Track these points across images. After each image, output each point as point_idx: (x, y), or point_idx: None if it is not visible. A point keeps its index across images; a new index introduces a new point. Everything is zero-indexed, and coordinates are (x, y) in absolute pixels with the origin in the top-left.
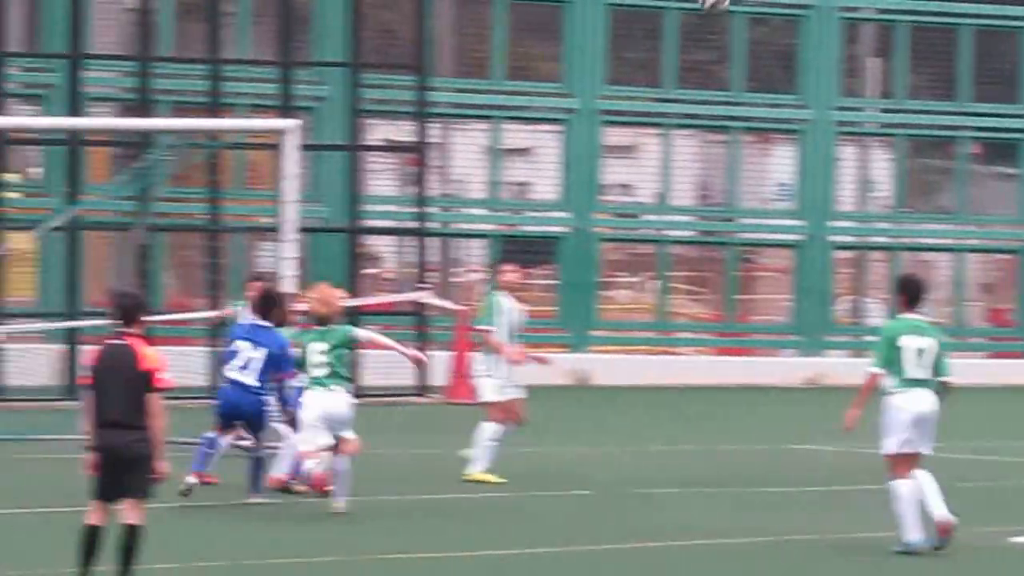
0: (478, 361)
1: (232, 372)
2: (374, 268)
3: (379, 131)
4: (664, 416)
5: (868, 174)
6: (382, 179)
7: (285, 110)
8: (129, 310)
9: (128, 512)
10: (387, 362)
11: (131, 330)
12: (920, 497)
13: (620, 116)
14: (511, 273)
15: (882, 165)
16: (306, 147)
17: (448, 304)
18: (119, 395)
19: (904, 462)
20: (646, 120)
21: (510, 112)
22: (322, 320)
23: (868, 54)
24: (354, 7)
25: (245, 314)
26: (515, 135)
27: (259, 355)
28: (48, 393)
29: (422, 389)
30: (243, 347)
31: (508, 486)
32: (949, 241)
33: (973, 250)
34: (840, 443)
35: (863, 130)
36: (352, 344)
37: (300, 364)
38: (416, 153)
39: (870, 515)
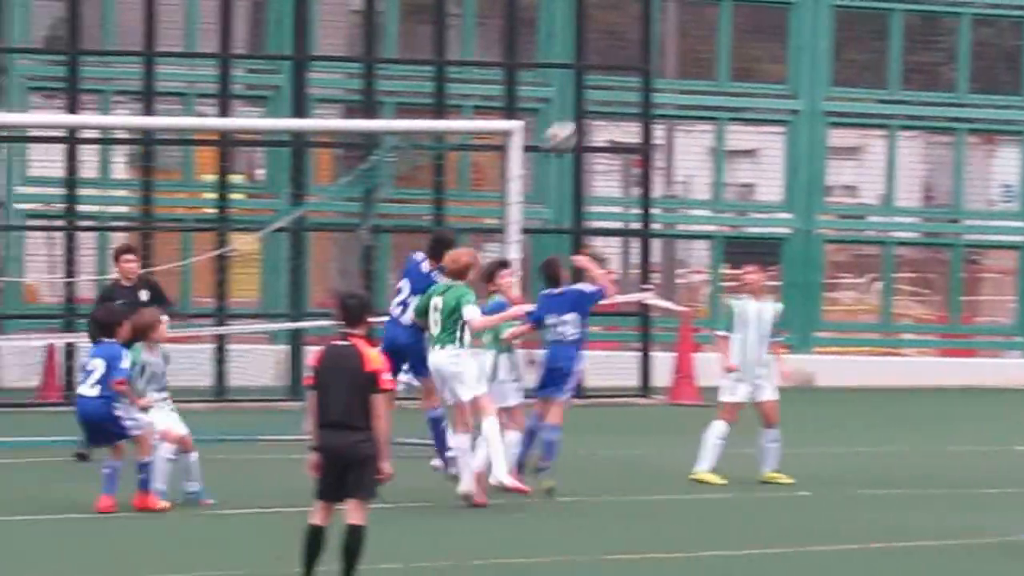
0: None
1: None
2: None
3: (603, 132)
4: (888, 417)
5: None
6: (605, 180)
7: (510, 111)
8: (355, 311)
9: (352, 512)
10: (610, 364)
11: (356, 331)
12: None
13: (844, 117)
14: (753, 274)
15: None
16: (531, 148)
17: (671, 305)
18: (343, 396)
19: None
20: (871, 121)
21: (734, 113)
22: (452, 276)
23: None
24: (579, 9)
25: None
26: (739, 136)
27: None
28: (272, 394)
29: (645, 390)
30: None
31: (729, 487)
32: None
33: None
34: None
35: None
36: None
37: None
38: (640, 154)
39: None
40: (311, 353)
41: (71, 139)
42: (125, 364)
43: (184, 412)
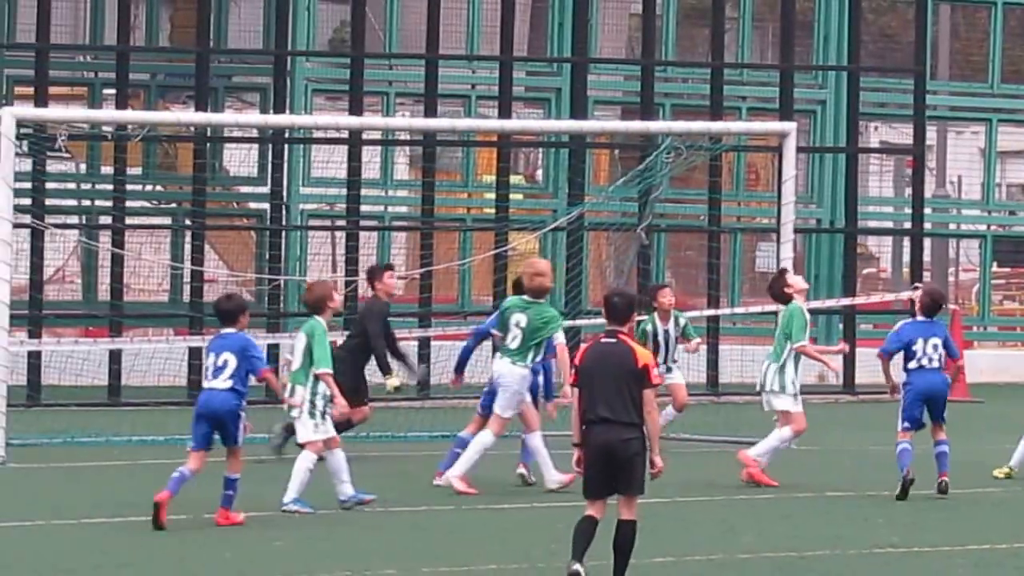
0: None
1: None
2: (870, 268)
3: (877, 134)
4: None
5: None
6: (879, 181)
7: (784, 113)
8: (621, 309)
9: (623, 508)
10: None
11: (622, 328)
12: None
13: None
14: None
15: None
16: (804, 149)
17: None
18: (613, 392)
19: None
20: None
21: (1005, 115)
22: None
23: None
24: (853, 12)
25: None
26: (1010, 137)
27: None
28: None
29: None
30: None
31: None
32: None
33: None
34: None
35: None
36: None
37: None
38: (913, 155)
39: None
40: (577, 351)
41: (354, 140)
42: (261, 354)
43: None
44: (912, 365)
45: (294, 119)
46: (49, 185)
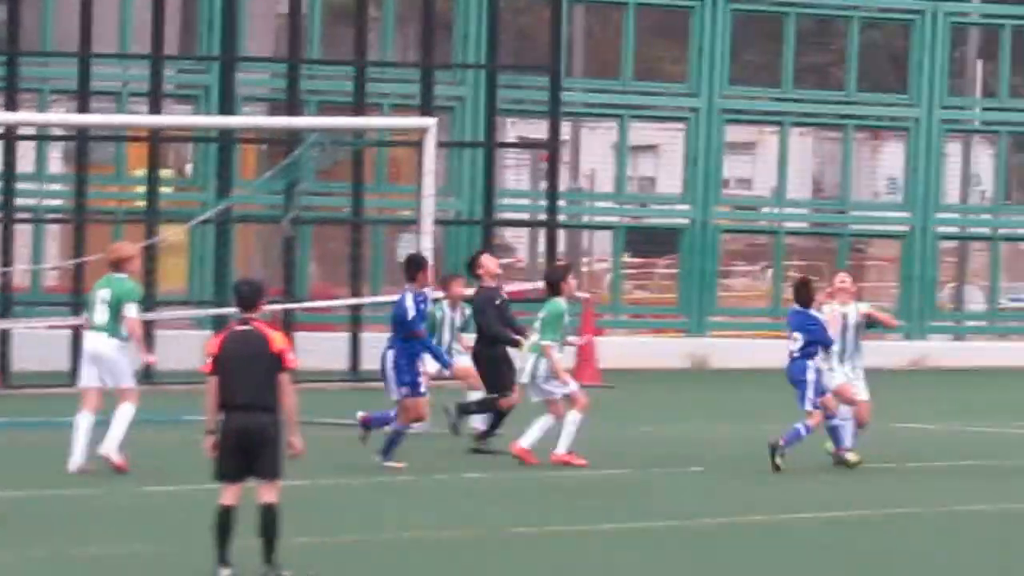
0: None
1: None
2: (507, 258)
3: (514, 129)
4: (777, 397)
5: (971, 169)
6: (515, 174)
7: (425, 109)
8: (249, 297)
9: (264, 492)
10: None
11: (254, 315)
12: None
13: (741, 115)
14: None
15: (985, 160)
16: (444, 144)
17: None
18: (251, 378)
19: None
20: (765, 118)
21: (637, 111)
22: None
23: (973, 55)
24: (492, 12)
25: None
26: (642, 133)
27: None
28: (200, 378)
29: None
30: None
31: (628, 462)
32: None
33: None
34: (942, 421)
35: (967, 127)
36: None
37: None
38: (548, 150)
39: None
40: (210, 340)
41: (9, 136)
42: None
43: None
44: None
45: None
46: None
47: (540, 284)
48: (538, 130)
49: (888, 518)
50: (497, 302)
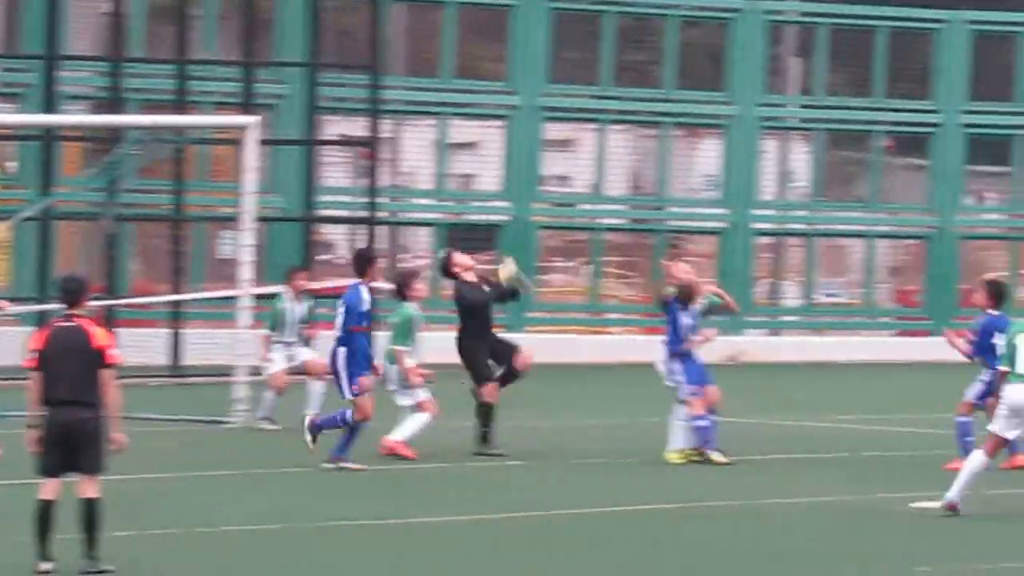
0: None
1: None
2: (328, 255)
3: (335, 127)
4: (596, 392)
5: (788, 166)
6: (336, 172)
7: (247, 107)
8: (74, 293)
9: (85, 486)
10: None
11: (78, 311)
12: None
13: (560, 112)
14: None
15: (801, 157)
16: (266, 142)
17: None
18: (72, 374)
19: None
20: (584, 116)
21: (457, 109)
22: None
23: (790, 54)
24: (314, 11)
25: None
26: (462, 130)
27: None
28: (23, 373)
29: None
30: None
31: (449, 456)
32: (862, 228)
33: (883, 236)
34: (757, 415)
35: (784, 125)
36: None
37: None
38: (369, 147)
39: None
40: (32, 336)
41: None
42: None
43: None
44: None
45: None
46: None
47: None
48: (359, 128)
49: (696, 511)
50: (487, 290)
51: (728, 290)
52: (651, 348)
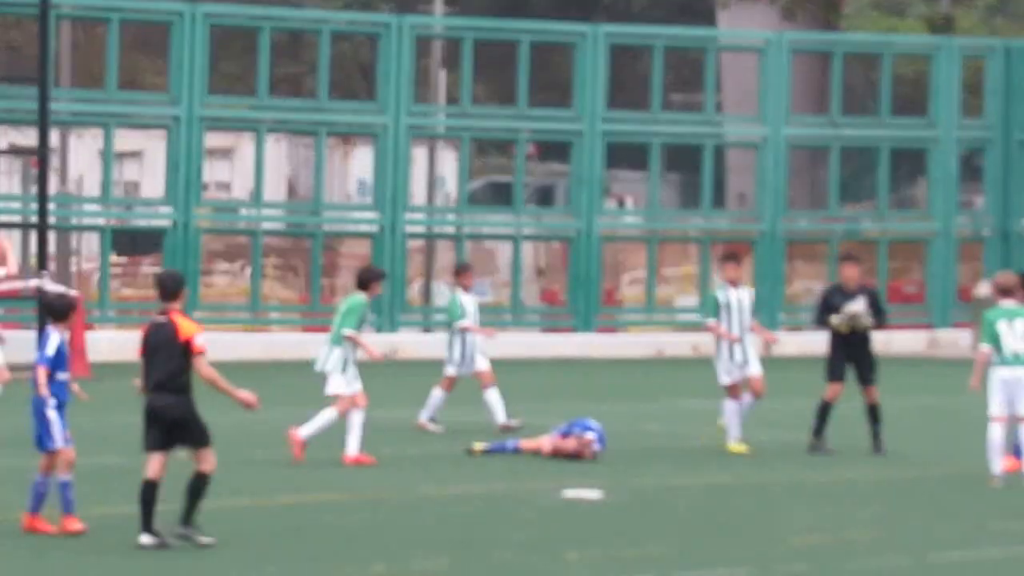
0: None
1: None
2: None
3: (5, 137)
4: (255, 389)
5: (437, 171)
6: (7, 180)
7: None
8: (171, 287)
9: (198, 458)
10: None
11: (173, 305)
12: None
13: (220, 122)
14: (732, 271)
15: (449, 164)
16: None
17: (64, 289)
18: (160, 363)
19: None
20: (243, 125)
21: (122, 119)
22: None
23: (437, 66)
24: None
25: None
26: (127, 140)
27: None
28: None
29: None
30: None
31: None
32: (509, 231)
33: (529, 238)
34: (409, 411)
35: (433, 133)
36: None
37: None
38: (38, 156)
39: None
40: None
41: None
42: None
43: None
44: None
45: None
46: None
47: (33, 282)
48: (29, 137)
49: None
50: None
51: (385, 289)
52: (311, 345)
